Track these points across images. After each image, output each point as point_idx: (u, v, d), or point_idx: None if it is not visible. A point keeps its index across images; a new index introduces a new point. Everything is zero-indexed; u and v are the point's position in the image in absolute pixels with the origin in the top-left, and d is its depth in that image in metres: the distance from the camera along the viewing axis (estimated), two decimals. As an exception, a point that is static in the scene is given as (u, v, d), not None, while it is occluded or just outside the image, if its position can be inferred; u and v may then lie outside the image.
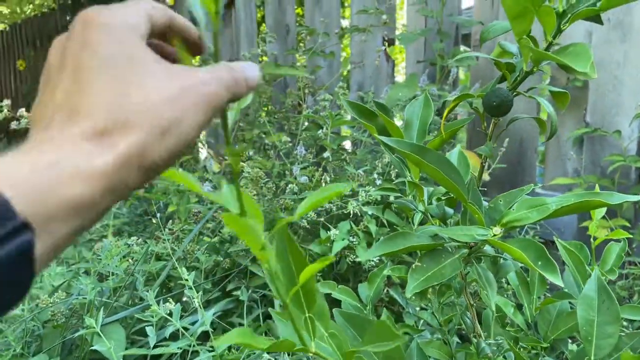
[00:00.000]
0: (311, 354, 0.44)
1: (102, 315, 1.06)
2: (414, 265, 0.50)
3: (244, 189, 1.29)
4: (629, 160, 1.57)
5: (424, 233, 0.52)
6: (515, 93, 0.50)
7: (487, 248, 0.53)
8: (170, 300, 0.99)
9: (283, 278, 0.46)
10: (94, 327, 0.93)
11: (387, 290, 1.32)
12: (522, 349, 0.66)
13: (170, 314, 0.93)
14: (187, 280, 0.91)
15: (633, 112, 1.65)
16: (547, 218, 0.48)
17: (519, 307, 0.84)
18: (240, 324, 1.20)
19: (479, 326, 0.62)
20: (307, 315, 0.47)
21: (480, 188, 0.56)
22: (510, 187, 1.30)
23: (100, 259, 1.22)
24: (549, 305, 0.80)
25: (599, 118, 1.76)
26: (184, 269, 0.91)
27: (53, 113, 0.29)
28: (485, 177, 1.96)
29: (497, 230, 0.49)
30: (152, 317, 0.96)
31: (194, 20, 0.36)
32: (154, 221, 1.23)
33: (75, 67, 0.29)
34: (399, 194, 0.75)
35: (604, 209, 0.86)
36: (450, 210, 0.62)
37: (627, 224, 1.61)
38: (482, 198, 0.54)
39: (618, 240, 0.85)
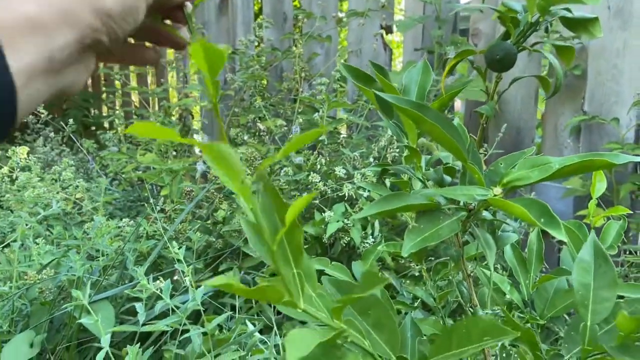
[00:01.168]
0: (299, 310, 0.42)
1: (91, 291, 1.04)
2: (410, 225, 0.48)
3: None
4: (626, 148, 1.56)
5: (421, 194, 0.50)
6: (519, 47, 0.49)
7: (486, 214, 0.51)
8: (161, 278, 0.97)
9: (268, 230, 0.44)
10: (82, 301, 0.91)
11: (382, 274, 1.30)
12: (518, 318, 0.65)
13: (161, 291, 0.91)
14: (177, 254, 0.89)
15: (631, 100, 1.64)
16: (550, 178, 0.46)
17: (516, 285, 0.82)
18: (232, 305, 1.18)
19: (475, 297, 0.61)
20: (294, 271, 0.45)
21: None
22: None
23: (90, 238, 1.20)
24: (546, 283, 0.79)
25: (597, 107, 1.75)
26: (174, 243, 0.89)
27: None
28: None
29: (498, 190, 0.48)
30: (142, 293, 0.94)
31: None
32: (146, 205, 1.21)
33: None
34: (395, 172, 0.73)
35: (601, 192, 0.85)
36: (448, 178, 0.60)
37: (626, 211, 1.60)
38: (481, 159, 0.52)
39: (618, 219, 0.83)
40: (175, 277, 1.10)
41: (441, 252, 0.65)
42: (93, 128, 3.75)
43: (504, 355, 0.59)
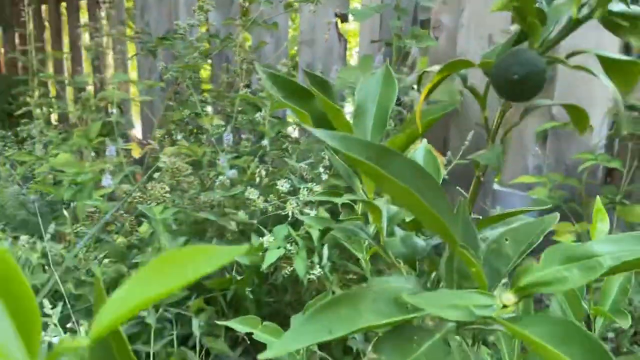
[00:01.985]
0: None
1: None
2: (367, 359, 0.28)
3: (158, 182, 1.04)
4: (600, 159, 1.42)
5: (383, 292, 0.31)
6: (548, 59, 0.30)
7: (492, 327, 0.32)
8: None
9: None
10: None
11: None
12: None
13: None
14: (51, 316, 0.66)
15: (605, 104, 1.50)
16: (600, 278, 0.28)
17: None
18: (147, 353, 0.96)
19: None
20: None
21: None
22: (467, 184, 1.13)
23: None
24: None
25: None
26: (45, 301, 0.66)
27: None
28: (442, 172, 1.79)
29: (509, 298, 0.29)
30: None
31: None
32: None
33: None
34: (348, 199, 0.54)
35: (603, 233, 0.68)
36: (421, 243, 0.41)
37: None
38: (477, 235, 0.33)
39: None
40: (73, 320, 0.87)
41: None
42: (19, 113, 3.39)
43: None
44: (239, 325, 0.64)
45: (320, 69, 2.07)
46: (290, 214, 1.09)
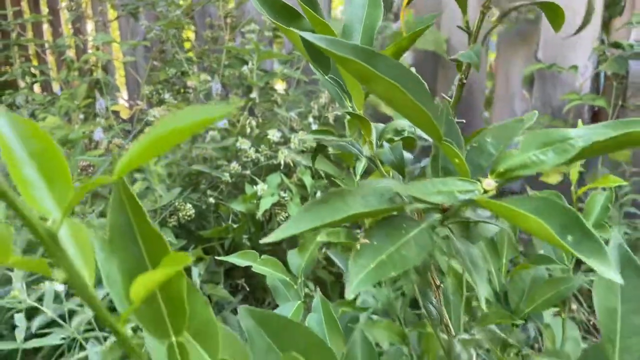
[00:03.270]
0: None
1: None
2: (358, 243, 0.30)
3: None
4: (585, 99, 1.45)
5: (373, 190, 0.33)
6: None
7: (470, 214, 0.34)
8: (46, 283, 0.76)
9: (121, 276, 0.26)
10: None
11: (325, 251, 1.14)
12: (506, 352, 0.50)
13: (41, 301, 0.71)
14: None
15: (590, 46, 1.52)
16: (573, 160, 0.30)
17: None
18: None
19: (447, 317, 0.45)
20: (173, 340, 0.27)
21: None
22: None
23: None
24: (522, 272, 0.65)
25: (551, 54, 1.62)
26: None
27: None
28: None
29: (490, 183, 0.31)
30: (19, 303, 0.73)
31: None
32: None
33: None
34: (338, 138, 0.55)
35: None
36: (409, 155, 0.43)
37: (582, 168, 1.50)
38: (459, 133, 0.35)
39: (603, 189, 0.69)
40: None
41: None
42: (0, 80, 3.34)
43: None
44: (238, 260, 0.66)
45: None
46: (282, 163, 1.11)
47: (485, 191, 0.31)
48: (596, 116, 1.62)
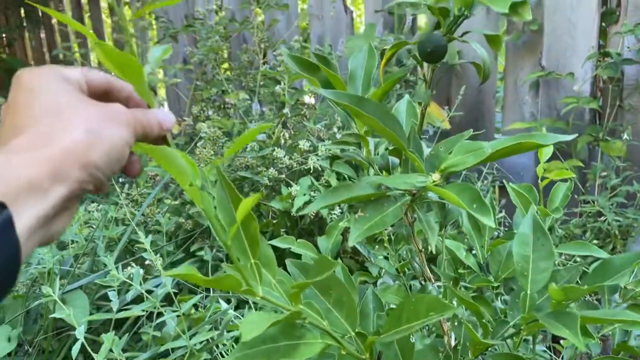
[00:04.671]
0: (258, 298, 0.45)
1: (60, 283, 1.06)
2: (357, 215, 0.50)
3: (202, 148, 1.27)
4: (581, 102, 1.60)
5: (367, 183, 0.53)
6: (449, 38, 0.50)
7: (432, 195, 0.54)
8: (133, 264, 0.99)
9: (225, 222, 0.46)
10: (52, 296, 0.92)
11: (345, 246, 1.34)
12: (463, 289, 0.69)
13: (131, 278, 0.93)
14: (143, 243, 0.91)
15: (586, 54, 1.67)
16: (485, 161, 0.49)
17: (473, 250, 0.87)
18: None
19: (427, 270, 0.64)
20: (252, 261, 0.47)
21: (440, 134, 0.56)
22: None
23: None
24: (499, 246, 0.83)
25: (554, 61, 1.78)
26: (141, 231, 0.90)
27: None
28: (446, 125, 1.98)
29: (436, 176, 0.50)
30: (114, 281, 0.96)
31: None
32: (116, 187, 1.21)
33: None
34: (355, 147, 0.75)
35: (551, 151, 0.88)
36: (395, 161, 0.62)
37: (581, 164, 1.66)
38: (423, 146, 0.54)
39: (566, 181, 0.87)
40: (147, 262, 1.12)
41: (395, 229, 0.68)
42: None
43: (455, 323, 0.63)
44: (279, 243, 0.87)
45: (329, 40, 2.26)
46: (311, 168, 1.32)
47: (434, 181, 0.51)
48: (598, 117, 1.77)
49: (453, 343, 0.63)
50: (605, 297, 0.80)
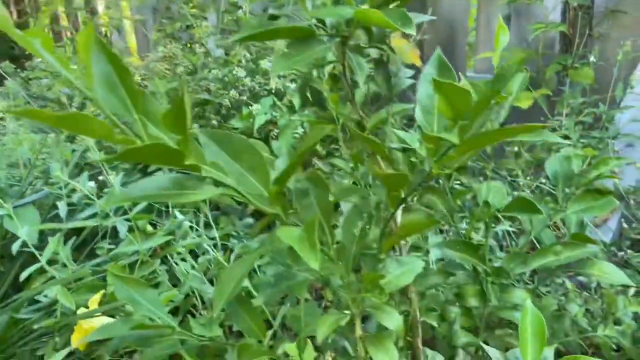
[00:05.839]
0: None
1: (15, 199, 1.03)
2: (280, 51, 0.48)
3: (156, 63, 1.23)
4: (549, 27, 1.58)
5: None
6: None
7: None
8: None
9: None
10: (4, 207, 0.89)
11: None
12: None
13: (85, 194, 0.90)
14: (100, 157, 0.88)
15: (556, -20, 1.64)
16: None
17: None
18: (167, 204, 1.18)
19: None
20: (136, 116, 0.44)
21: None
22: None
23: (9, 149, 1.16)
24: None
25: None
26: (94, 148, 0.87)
27: None
28: (417, 62, 1.95)
29: (366, 6, 0.48)
30: (61, 189, 0.93)
31: None
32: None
33: None
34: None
35: (503, 45, 0.86)
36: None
37: (550, 93, 1.65)
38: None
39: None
40: (101, 177, 1.09)
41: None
42: (23, 60, 3.55)
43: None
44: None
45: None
46: (273, 88, 1.28)
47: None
48: (568, 46, 1.75)
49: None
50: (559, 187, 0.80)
